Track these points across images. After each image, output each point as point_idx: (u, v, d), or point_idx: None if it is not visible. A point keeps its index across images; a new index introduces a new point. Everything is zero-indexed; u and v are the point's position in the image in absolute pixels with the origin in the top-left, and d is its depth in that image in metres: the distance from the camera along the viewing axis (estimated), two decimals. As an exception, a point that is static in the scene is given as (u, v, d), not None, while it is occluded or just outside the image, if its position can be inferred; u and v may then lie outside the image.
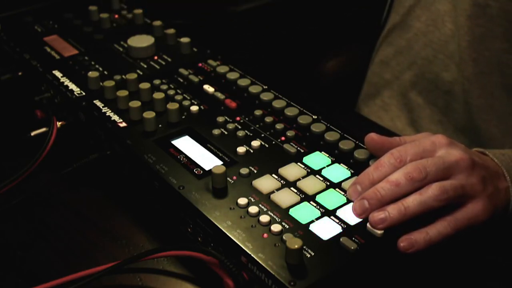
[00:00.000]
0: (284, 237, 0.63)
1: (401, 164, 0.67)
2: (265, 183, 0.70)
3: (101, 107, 0.83)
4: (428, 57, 1.01)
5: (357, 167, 0.72)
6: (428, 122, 1.04)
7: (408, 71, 1.05)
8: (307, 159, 0.74)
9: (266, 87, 0.87)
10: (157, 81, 0.89)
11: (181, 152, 0.75)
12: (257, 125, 0.80)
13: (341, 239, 0.62)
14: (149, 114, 0.78)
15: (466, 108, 0.98)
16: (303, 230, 0.64)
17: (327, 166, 0.73)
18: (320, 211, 0.66)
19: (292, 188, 0.69)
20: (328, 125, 0.79)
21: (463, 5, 0.94)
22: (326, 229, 0.64)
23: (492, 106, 0.96)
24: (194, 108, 0.83)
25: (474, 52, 0.94)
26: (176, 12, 1.17)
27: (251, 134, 0.78)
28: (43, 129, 0.83)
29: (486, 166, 0.70)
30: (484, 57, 0.93)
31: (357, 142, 0.76)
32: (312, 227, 0.64)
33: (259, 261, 0.60)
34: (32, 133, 0.82)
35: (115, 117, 0.81)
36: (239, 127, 0.80)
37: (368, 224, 0.64)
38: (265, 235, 0.63)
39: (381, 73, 1.12)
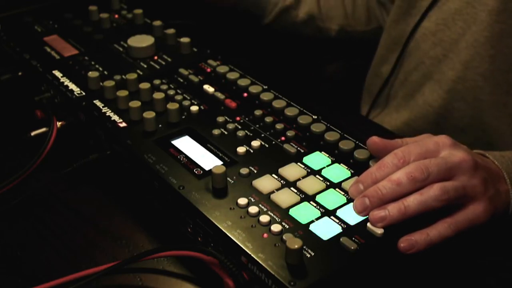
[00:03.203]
0: (284, 237, 0.63)
1: (404, 164, 0.67)
2: (265, 183, 0.70)
3: (101, 107, 0.83)
4: (437, 56, 1.01)
5: (357, 167, 0.72)
6: (424, 122, 1.03)
7: (415, 72, 1.05)
8: (307, 159, 0.74)
9: (266, 87, 0.87)
10: (157, 81, 0.89)
11: (181, 152, 0.75)
12: (257, 125, 0.80)
13: (341, 239, 0.62)
14: (149, 114, 0.78)
15: (475, 105, 0.97)
16: (303, 230, 0.64)
17: (327, 166, 0.73)
18: (320, 211, 0.66)
19: (292, 188, 0.69)
20: (328, 125, 0.79)
21: (486, 0, 0.93)
22: (326, 229, 0.64)
23: (506, 103, 0.95)
24: (194, 108, 0.83)
25: (492, 49, 0.93)
26: (176, 12, 1.17)
27: (251, 134, 0.78)
28: (43, 129, 0.83)
29: (488, 168, 0.70)
30: (502, 54, 0.93)
31: (357, 142, 0.76)
32: (312, 227, 0.64)
33: (259, 261, 0.60)
34: (32, 133, 0.82)
35: (115, 117, 0.81)
36: (239, 127, 0.80)
37: (368, 224, 0.64)
38: (265, 235, 0.63)
39: (391, 75, 1.11)
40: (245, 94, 0.86)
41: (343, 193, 0.69)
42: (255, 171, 0.72)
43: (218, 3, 1.14)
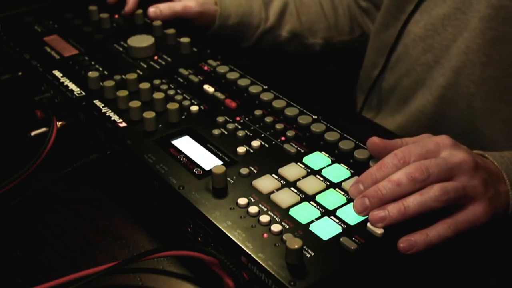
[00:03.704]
0: (284, 237, 0.63)
1: (404, 165, 0.67)
2: (265, 183, 0.70)
3: (101, 107, 0.83)
4: (428, 62, 1.00)
5: (357, 167, 0.72)
6: (418, 127, 1.03)
7: (406, 78, 1.04)
8: (307, 159, 0.74)
9: (266, 87, 0.87)
10: (157, 81, 0.89)
11: (181, 152, 0.75)
12: (257, 125, 0.80)
13: (341, 239, 0.62)
14: (149, 114, 0.78)
15: (468, 112, 0.97)
16: (303, 230, 0.64)
17: (327, 166, 0.73)
18: (320, 211, 0.66)
19: (292, 188, 0.69)
20: (328, 125, 0.79)
21: (477, 6, 0.92)
22: (326, 229, 0.64)
23: (499, 110, 0.94)
24: (194, 108, 0.83)
25: (484, 56, 0.92)
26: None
27: (251, 134, 0.78)
28: (43, 129, 0.83)
29: (488, 168, 0.70)
30: (494, 61, 0.92)
31: (357, 142, 0.76)
32: (312, 227, 0.64)
33: (259, 261, 0.60)
34: (32, 133, 0.82)
35: (115, 117, 0.81)
36: (239, 127, 0.80)
37: (368, 224, 0.64)
38: (265, 235, 0.63)
39: (381, 79, 1.11)
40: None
41: (343, 193, 0.69)
42: (255, 171, 0.72)
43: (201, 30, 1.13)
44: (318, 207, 0.67)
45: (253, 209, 0.66)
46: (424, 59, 1.00)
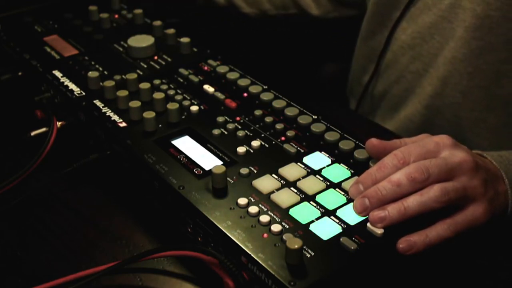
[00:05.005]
0: (284, 237, 0.63)
1: (404, 165, 0.67)
2: (265, 183, 0.70)
3: (101, 107, 0.83)
4: (418, 71, 1.00)
5: (357, 167, 0.72)
6: (408, 136, 1.02)
7: (396, 85, 1.04)
8: (307, 159, 0.74)
9: (266, 87, 0.87)
10: (157, 81, 0.89)
11: (181, 152, 0.75)
12: (257, 125, 0.80)
13: (341, 239, 0.62)
14: (149, 114, 0.78)
15: (455, 122, 0.96)
16: (303, 230, 0.64)
17: (327, 166, 0.73)
18: (320, 211, 0.67)
19: (292, 188, 0.69)
20: (328, 125, 0.79)
21: (463, 16, 0.91)
22: (326, 229, 0.64)
23: (486, 119, 0.94)
24: (194, 108, 0.83)
25: (470, 66, 0.92)
26: (175, 11, 1.17)
27: (251, 134, 0.78)
28: (43, 129, 0.83)
29: (487, 168, 0.70)
30: (481, 70, 0.91)
31: (357, 142, 0.76)
32: (312, 227, 0.64)
33: (259, 261, 0.60)
34: (32, 133, 0.82)
35: (115, 117, 0.81)
36: (239, 127, 0.80)
37: (368, 224, 0.64)
38: (265, 235, 0.63)
39: (372, 85, 1.11)
40: (245, 94, 0.86)
41: (343, 193, 0.69)
42: (255, 171, 0.72)
43: None
44: (318, 207, 0.67)
45: (253, 209, 0.66)
46: (413, 67, 1.00)
